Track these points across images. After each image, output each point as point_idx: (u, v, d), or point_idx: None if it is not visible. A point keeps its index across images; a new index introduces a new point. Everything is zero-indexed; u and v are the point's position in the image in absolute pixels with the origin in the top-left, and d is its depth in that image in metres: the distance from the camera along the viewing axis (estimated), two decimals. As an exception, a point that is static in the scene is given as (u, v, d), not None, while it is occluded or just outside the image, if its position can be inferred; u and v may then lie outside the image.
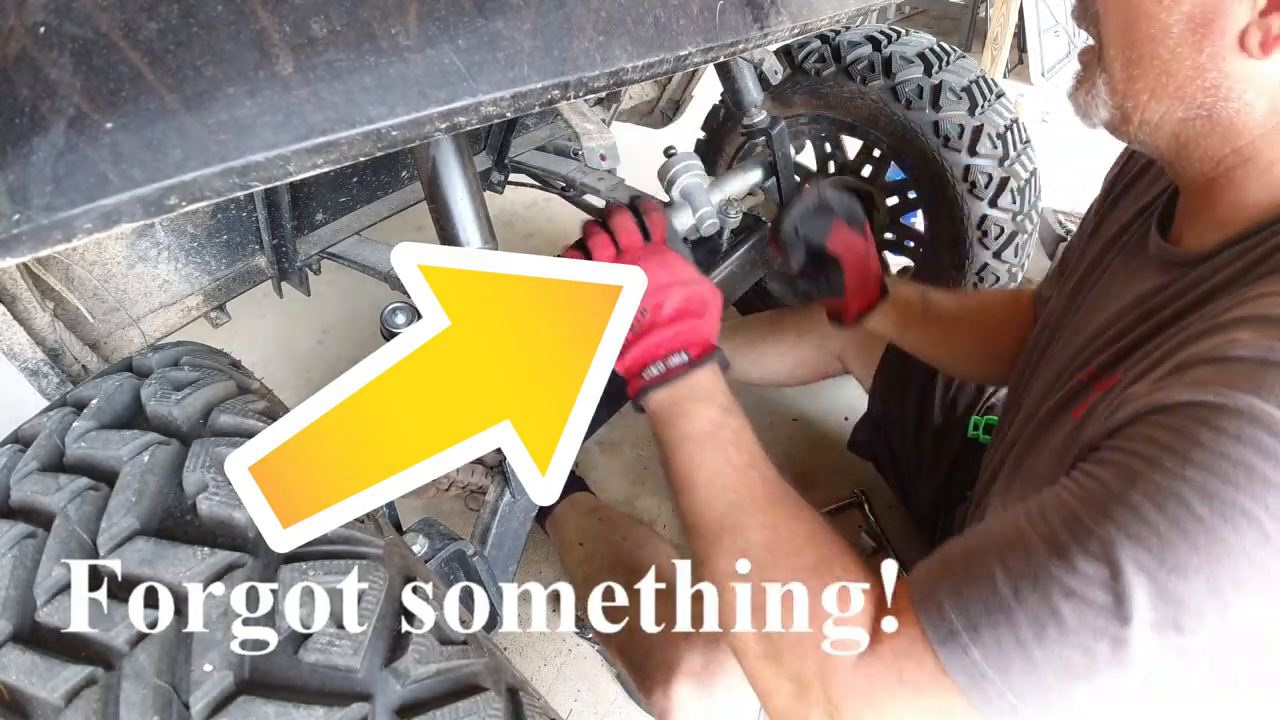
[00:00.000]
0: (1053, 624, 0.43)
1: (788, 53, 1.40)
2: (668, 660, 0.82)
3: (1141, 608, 0.41)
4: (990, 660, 0.45)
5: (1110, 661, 0.42)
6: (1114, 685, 0.42)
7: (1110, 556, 0.42)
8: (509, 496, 0.79)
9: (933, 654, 0.48)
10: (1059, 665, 0.43)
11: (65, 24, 0.30)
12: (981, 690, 0.45)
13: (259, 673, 0.38)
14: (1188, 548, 0.40)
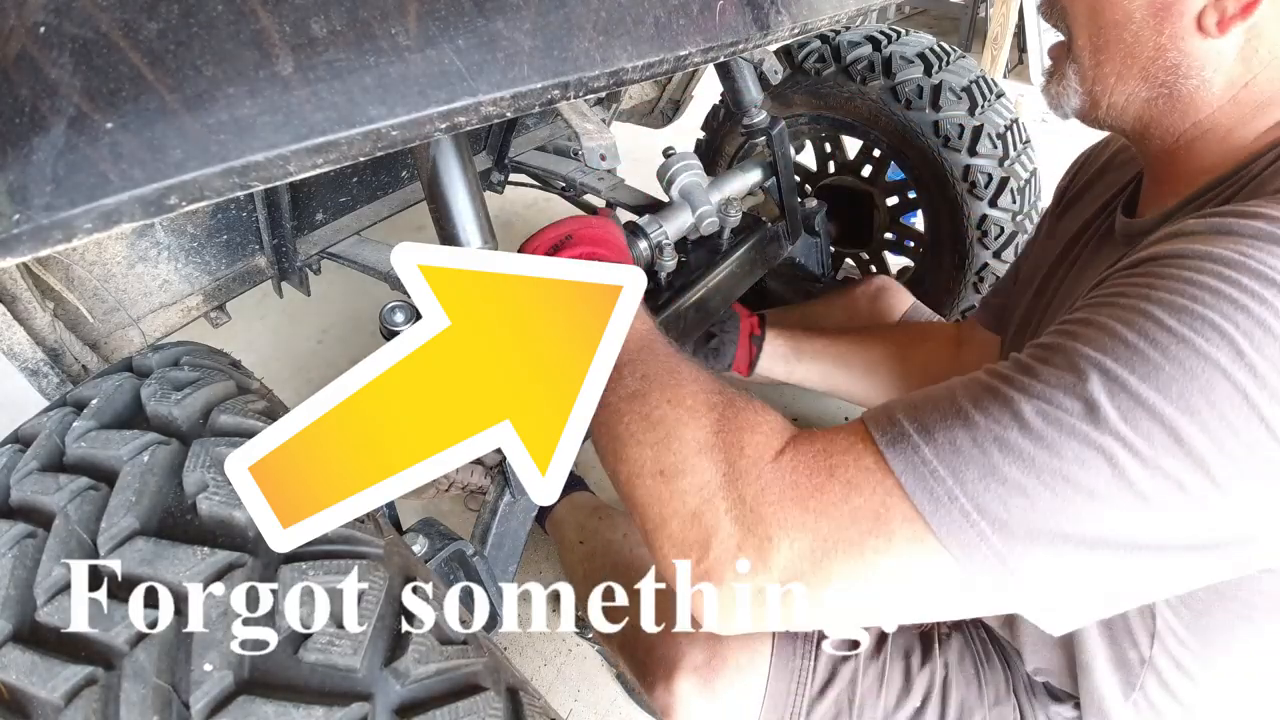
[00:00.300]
0: (1015, 427, 0.39)
1: (788, 53, 1.40)
2: (669, 656, 0.82)
3: (1113, 416, 0.37)
4: (943, 458, 0.40)
5: (1080, 468, 0.37)
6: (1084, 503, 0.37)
7: (1077, 365, 0.39)
8: (509, 496, 0.79)
9: (875, 452, 0.43)
10: (1022, 470, 0.38)
11: (65, 24, 0.30)
12: (930, 491, 0.39)
13: (259, 672, 0.38)
14: (1160, 356, 0.37)
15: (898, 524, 0.40)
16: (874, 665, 0.82)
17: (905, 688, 0.81)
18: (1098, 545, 0.37)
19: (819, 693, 0.80)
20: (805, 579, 0.43)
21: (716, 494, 0.47)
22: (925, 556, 0.40)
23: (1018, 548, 0.38)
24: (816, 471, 0.45)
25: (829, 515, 0.43)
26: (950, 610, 0.42)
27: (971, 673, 0.82)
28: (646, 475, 0.50)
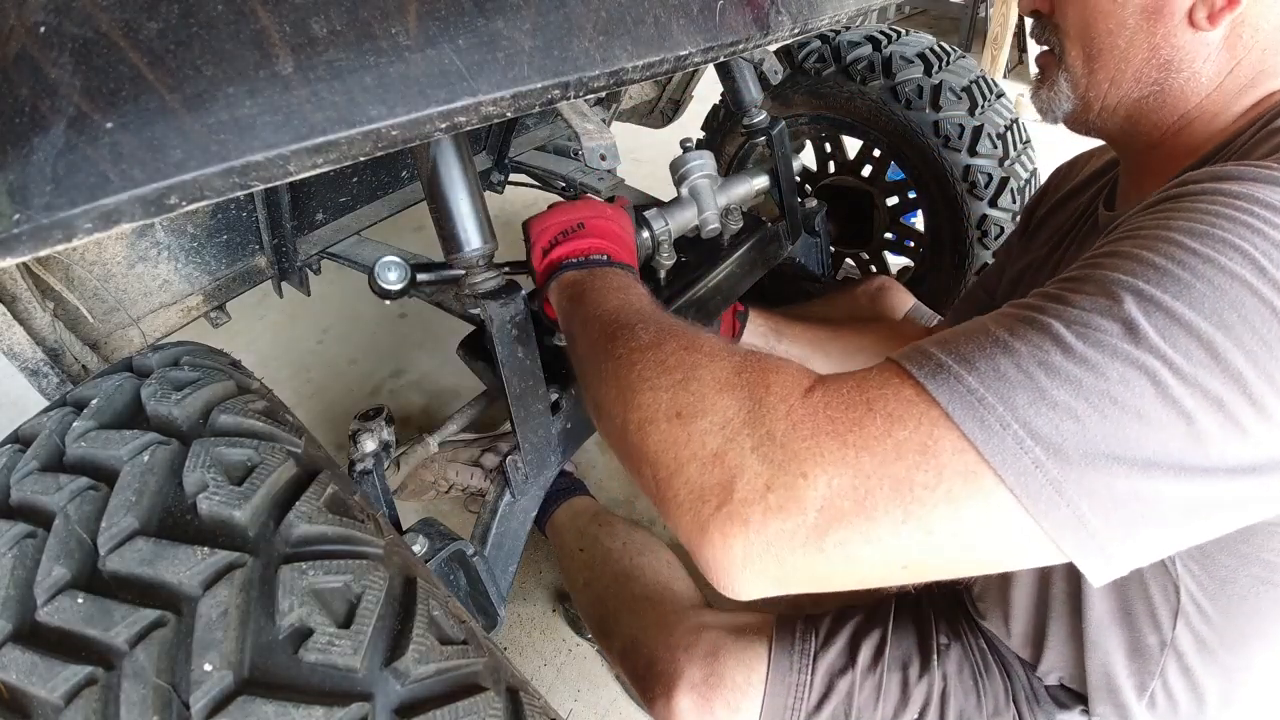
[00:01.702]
0: (1058, 351, 0.38)
1: (788, 53, 1.40)
2: (669, 673, 0.82)
3: (1152, 334, 0.36)
4: (989, 385, 0.38)
5: (1126, 388, 0.36)
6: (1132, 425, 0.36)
7: (1109, 290, 0.39)
8: (509, 497, 0.79)
9: (914, 384, 0.40)
10: (1070, 393, 0.37)
11: (65, 24, 0.30)
12: (980, 419, 0.37)
13: (259, 672, 0.38)
14: (1189, 276, 0.37)
15: (948, 456, 0.37)
16: (871, 678, 0.82)
17: (903, 699, 0.81)
18: (1149, 468, 0.36)
19: (815, 707, 0.81)
20: (846, 519, 0.38)
21: (741, 431, 0.42)
22: (979, 490, 0.37)
23: (1073, 473, 0.36)
24: (853, 405, 0.41)
25: (871, 450, 0.39)
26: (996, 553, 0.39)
27: (970, 683, 0.82)
28: (661, 419, 0.46)
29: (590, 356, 0.57)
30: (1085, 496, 0.36)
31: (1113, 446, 0.36)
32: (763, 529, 0.39)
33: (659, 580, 0.99)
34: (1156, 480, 0.36)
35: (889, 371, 0.42)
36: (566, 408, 0.83)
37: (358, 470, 0.73)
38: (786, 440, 0.41)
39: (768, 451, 0.41)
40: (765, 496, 0.40)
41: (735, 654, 0.83)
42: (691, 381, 0.46)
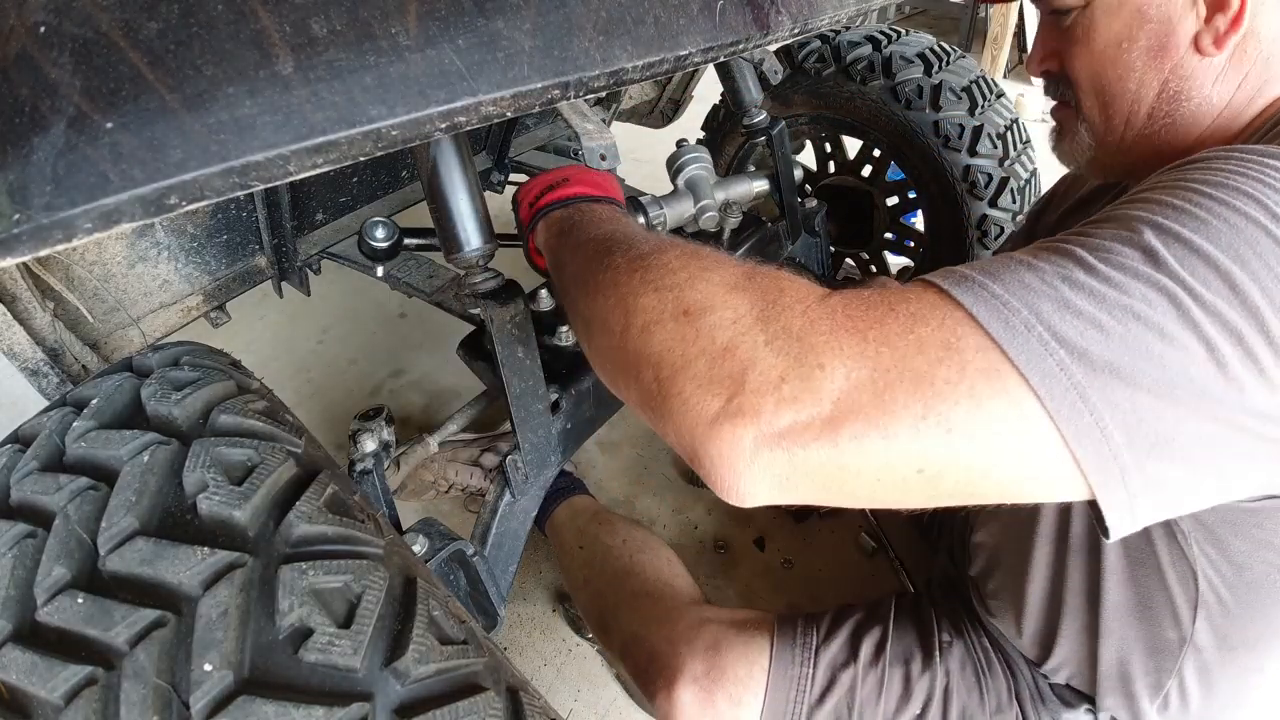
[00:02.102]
0: (1081, 269, 0.38)
1: (788, 53, 1.40)
2: (670, 666, 0.82)
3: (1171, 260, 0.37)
4: (1014, 293, 0.37)
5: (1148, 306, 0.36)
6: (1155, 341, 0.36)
7: (1129, 224, 0.40)
8: (509, 497, 0.79)
9: (938, 290, 0.39)
10: (1094, 305, 0.36)
11: (65, 24, 0.30)
12: (1005, 320, 0.37)
13: (259, 672, 0.38)
14: (1206, 214, 0.38)
15: (971, 353, 0.36)
16: (873, 673, 0.82)
17: (905, 694, 0.81)
18: (1172, 389, 0.36)
19: (818, 701, 0.81)
20: (863, 412, 0.37)
21: (754, 327, 0.40)
22: (1003, 388, 0.36)
23: (1098, 380, 0.35)
24: (874, 306, 0.40)
25: (892, 344, 0.37)
26: (1015, 464, 0.37)
27: (973, 680, 0.82)
28: (667, 319, 0.43)
29: (583, 274, 0.54)
30: (1109, 407, 0.36)
31: (1137, 360, 0.36)
32: (774, 419, 0.38)
33: (659, 577, 0.99)
34: (1178, 406, 0.36)
35: (915, 283, 0.42)
36: (566, 408, 0.83)
37: (358, 470, 0.73)
38: (803, 334, 0.39)
39: (783, 345, 0.39)
40: (779, 387, 0.38)
41: (737, 648, 0.83)
42: (698, 281, 0.44)
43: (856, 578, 1.31)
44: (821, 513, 1.40)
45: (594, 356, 0.52)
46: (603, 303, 0.49)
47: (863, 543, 1.34)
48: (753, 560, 1.34)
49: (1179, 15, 0.56)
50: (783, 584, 1.30)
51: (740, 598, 1.28)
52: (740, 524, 1.40)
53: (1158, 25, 0.58)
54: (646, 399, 0.44)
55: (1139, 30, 0.58)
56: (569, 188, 0.71)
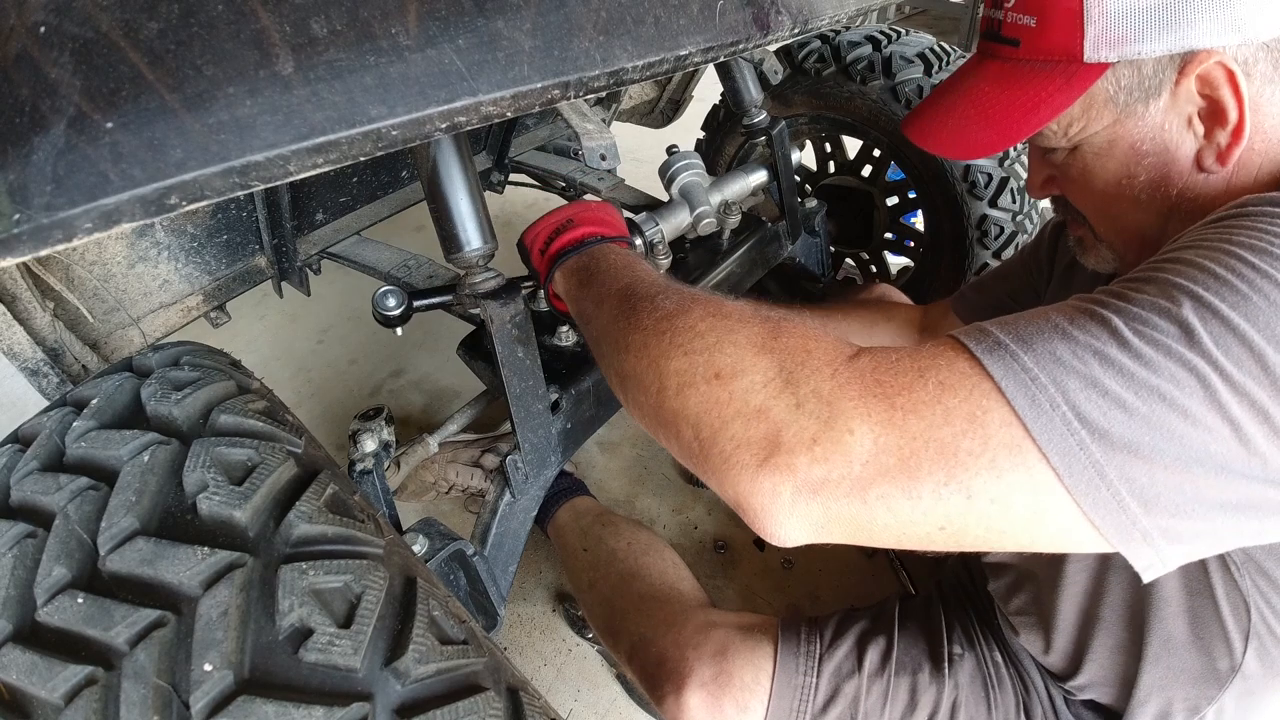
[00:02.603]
0: (1114, 344, 0.38)
1: (788, 53, 1.40)
2: (679, 671, 0.82)
3: (1206, 339, 0.37)
4: (1043, 367, 0.38)
5: (1176, 387, 0.37)
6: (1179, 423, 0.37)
7: (1170, 293, 0.40)
8: (509, 497, 0.79)
9: (969, 357, 0.40)
10: (1122, 384, 0.37)
11: (65, 24, 0.30)
12: (1031, 396, 0.38)
13: (259, 672, 0.38)
14: (1247, 288, 0.38)
15: (995, 428, 0.38)
16: (878, 682, 0.82)
17: (911, 704, 0.80)
18: (1191, 465, 0.37)
19: (821, 709, 0.81)
20: (890, 475, 0.39)
21: (784, 390, 0.42)
22: (1023, 463, 0.38)
23: (1116, 458, 0.37)
24: (903, 372, 0.41)
25: (919, 413, 0.39)
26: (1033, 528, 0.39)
27: (981, 694, 0.82)
28: (699, 381, 0.46)
29: (612, 332, 0.56)
30: (1126, 482, 0.37)
31: (1157, 440, 0.37)
32: (809, 475, 0.40)
33: (665, 579, 0.99)
34: (1198, 478, 0.37)
35: (944, 344, 0.43)
36: (566, 408, 0.83)
37: (358, 470, 0.73)
38: (833, 399, 0.41)
39: (814, 408, 0.41)
40: (812, 448, 0.40)
41: (744, 653, 0.83)
42: (726, 345, 0.46)
43: (856, 578, 1.31)
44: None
45: (632, 411, 0.54)
46: (635, 363, 0.52)
47: (863, 543, 1.34)
48: (753, 560, 1.34)
49: (1176, 141, 0.54)
50: (783, 584, 1.30)
51: (740, 598, 1.28)
52: (740, 524, 1.40)
53: (1155, 157, 0.55)
54: (689, 453, 0.47)
55: (1137, 166, 0.56)
56: (577, 229, 0.72)
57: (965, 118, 0.62)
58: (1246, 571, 0.58)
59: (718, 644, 0.84)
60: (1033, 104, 0.57)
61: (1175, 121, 0.54)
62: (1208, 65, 0.50)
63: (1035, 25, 0.56)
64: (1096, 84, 0.54)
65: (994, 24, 0.60)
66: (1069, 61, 0.55)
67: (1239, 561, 0.58)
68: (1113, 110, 0.55)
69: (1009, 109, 0.58)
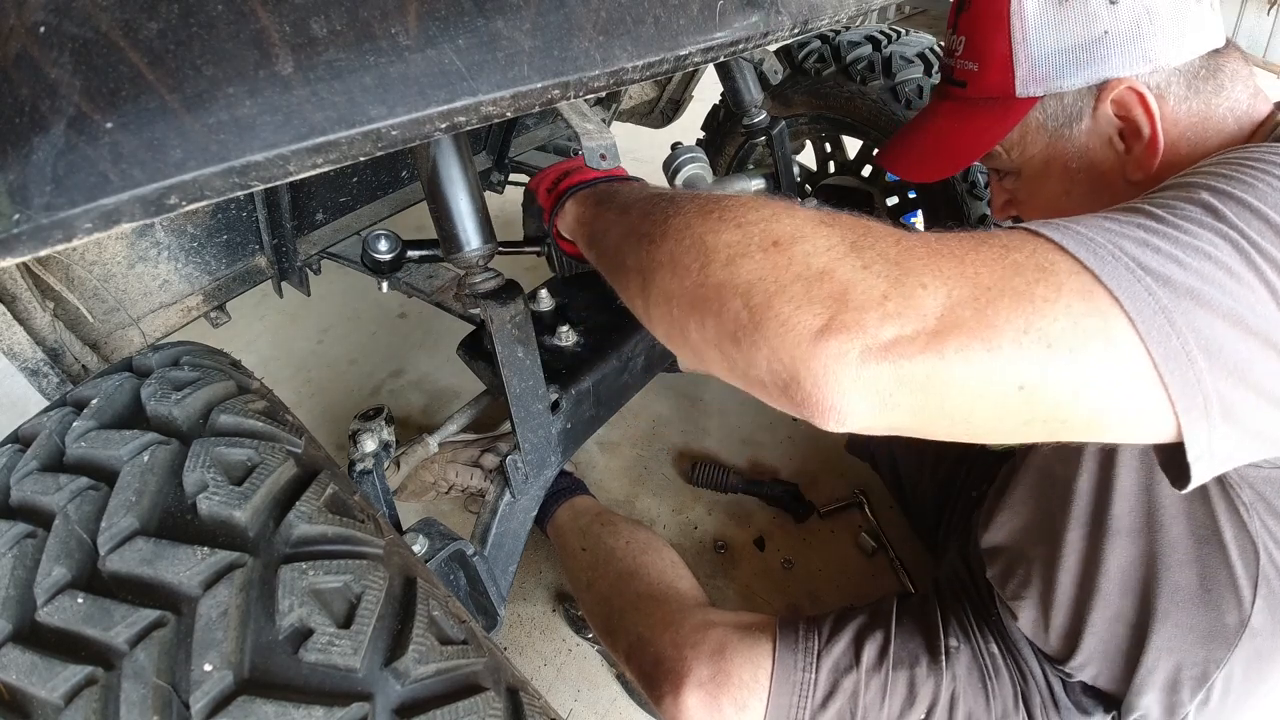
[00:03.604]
0: (1152, 220, 0.41)
1: (788, 53, 1.40)
2: (677, 670, 0.82)
3: (1229, 214, 0.40)
4: (1097, 233, 0.40)
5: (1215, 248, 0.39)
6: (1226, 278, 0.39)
7: (1186, 189, 0.43)
8: (509, 497, 0.79)
9: (1026, 230, 0.42)
10: (1170, 244, 0.39)
11: (65, 24, 0.30)
12: (1093, 250, 0.39)
13: (259, 672, 0.38)
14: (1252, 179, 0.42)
15: (1065, 275, 0.38)
16: (876, 677, 0.82)
17: (909, 698, 0.81)
18: (1242, 322, 0.38)
19: (821, 705, 0.81)
20: (968, 326, 0.37)
21: (849, 254, 0.41)
22: (1096, 308, 0.38)
23: (1181, 304, 0.38)
24: (965, 239, 0.41)
25: (990, 267, 0.39)
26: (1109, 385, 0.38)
27: (979, 685, 0.82)
28: (754, 250, 0.43)
29: (641, 226, 0.53)
30: (1192, 331, 0.38)
31: (1214, 291, 0.38)
32: (879, 332, 0.38)
33: (663, 579, 0.99)
34: (1250, 336, 0.38)
35: (992, 231, 0.43)
36: (566, 408, 0.83)
37: (358, 470, 0.73)
38: (901, 259, 0.40)
39: (881, 268, 0.40)
40: (883, 303, 0.38)
41: (742, 652, 0.84)
42: (784, 217, 0.44)
43: (856, 578, 1.31)
44: (821, 513, 1.40)
45: (658, 303, 0.50)
46: (673, 245, 0.48)
47: (863, 543, 1.34)
48: (752, 560, 1.34)
49: (1101, 157, 0.62)
50: (782, 584, 1.30)
51: (740, 598, 1.28)
52: (740, 524, 1.40)
53: (1086, 173, 0.63)
54: (731, 330, 0.43)
55: (1071, 183, 0.65)
56: (586, 172, 0.73)
57: (926, 146, 0.74)
58: (1256, 512, 0.58)
59: (715, 643, 0.84)
60: (978, 133, 0.67)
61: (1098, 140, 0.62)
62: (1120, 90, 0.59)
63: (977, 69, 0.67)
64: (1029, 114, 0.64)
65: (948, 70, 0.73)
66: (1005, 98, 0.65)
67: (1248, 502, 0.58)
68: (1044, 135, 0.65)
69: (959, 137, 0.69)
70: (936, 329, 0.38)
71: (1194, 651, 0.67)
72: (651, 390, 1.62)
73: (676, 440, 1.58)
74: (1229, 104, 0.60)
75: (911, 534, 1.34)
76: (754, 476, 1.46)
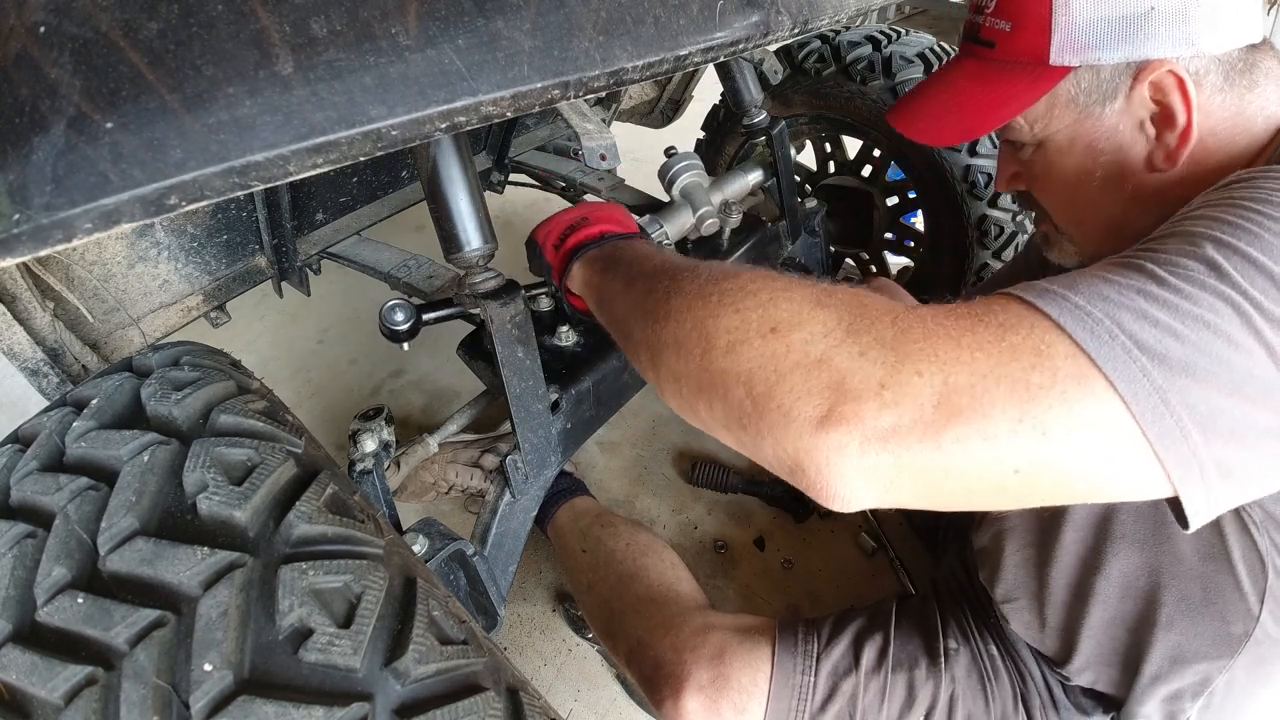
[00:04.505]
0: (1153, 283, 0.40)
1: (788, 53, 1.40)
2: (676, 674, 0.82)
3: (1233, 273, 0.40)
4: (1095, 304, 0.40)
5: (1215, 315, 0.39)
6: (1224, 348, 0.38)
7: (1192, 239, 0.42)
8: (509, 497, 0.79)
9: (1023, 301, 0.42)
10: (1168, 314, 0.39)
11: (65, 24, 0.30)
12: (1090, 329, 0.39)
13: (259, 672, 0.38)
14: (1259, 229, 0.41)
15: (1061, 359, 0.39)
16: (875, 679, 0.82)
17: (909, 700, 0.81)
18: (1240, 388, 0.38)
19: (820, 708, 0.81)
20: (964, 415, 0.38)
21: (845, 339, 0.41)
22: (1092, 393, 0.38)
23: (1176, 383, 0.38)
24: (962, 318, 0.41)
25: (986, 350, 0.39)
26: (1106, 467, 0.39)
27: (978, 687, 0.82)
28: (754, 336, 0.44)
29: (646, 303, 0.55)
30: (1187, 408, 0.38)
31: (1210, 364, 0.38)
32: (878, 422, 0.39)
33: (663, 581, 0.99)
34: (1247, 404, 0.38)
35: (995, 296, 0.43)
36: (566, 408, 0.83)
37: (358, 470, 0.73)
38: (897, 343, 0.40)
39: (878, 354, 0.40)
40: (880, 392, 0.39)
41: (741, 655, 0.83)
42: (781, 300, 0.45)
43: (856, 578, 1.31)
44: (821, 513, 1.40)
45: (667, 381, 0.52)
46: (675, 328, 0.50)
47: (862, 543, 1.34)
48: (752, 560, 1.34)
49: (1129, 142, 0.59)
50: (782, 584, 1.30)
51: (740, 598, 1.28)
52: (740, 524, 1.40)
53: (1111, 155, 0.60)
54: (737, 416, 0.44)
55: (1094, 163, 0.61)
56: (593, 226, 0.73)
57: (943, 108, 0.68)
58: (1265, 530, 0.58)
59: (715, 647, 0.84)
60: (1002, 99, 0.62)
61: (1129, 123, 0.59)
62: (1160, 73, 0.56)
63: (1009, 30, 0.61)
64: (1060, 85, 0.60)
65: (974, 27, 0.66)
66: (1036, 64, 0.60)
67: (1258, 520, 0.58)
68: (1074, 110, 0.60)
69: (981, 102, 0.64)
70: (933, 419, 0.39)
71: (1197, 658, 0.67)
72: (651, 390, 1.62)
73: (676, 440, 1.58)
74: (1260, 102, 0.57)
75: (911, 534, 1.33)
76: (754, 476, 1.46)
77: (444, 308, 0.73)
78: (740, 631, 0.87)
